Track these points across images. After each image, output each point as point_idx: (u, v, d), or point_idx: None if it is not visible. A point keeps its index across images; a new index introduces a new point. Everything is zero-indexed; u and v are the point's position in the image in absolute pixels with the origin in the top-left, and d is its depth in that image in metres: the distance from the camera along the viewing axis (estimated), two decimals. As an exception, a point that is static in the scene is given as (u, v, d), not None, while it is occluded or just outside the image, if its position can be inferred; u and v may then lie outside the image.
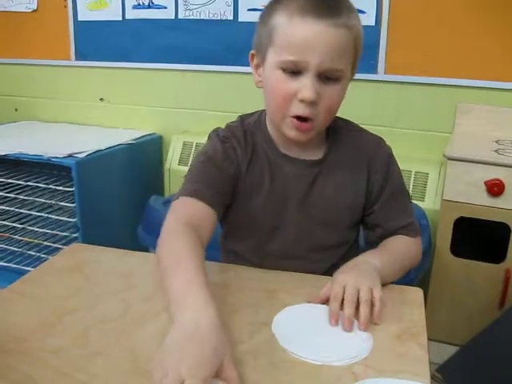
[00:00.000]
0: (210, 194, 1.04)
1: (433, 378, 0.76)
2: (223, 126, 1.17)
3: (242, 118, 1.17)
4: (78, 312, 0.93)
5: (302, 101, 0.98)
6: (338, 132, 1.14)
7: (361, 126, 1.20)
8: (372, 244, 1.17)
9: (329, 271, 1.14)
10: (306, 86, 0.97)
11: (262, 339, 0.85)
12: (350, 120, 1.20)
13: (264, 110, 1.15)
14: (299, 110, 1.00)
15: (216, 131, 1.15)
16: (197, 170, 1.10)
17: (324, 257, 1.18)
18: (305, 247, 1.16)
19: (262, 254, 1.16)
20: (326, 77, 0.98)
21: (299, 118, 1.01)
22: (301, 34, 0.95)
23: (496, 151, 1.90)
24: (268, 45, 1.01)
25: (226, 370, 0.69)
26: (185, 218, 0.99)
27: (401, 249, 1.11)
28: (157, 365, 0.68)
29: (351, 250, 1.22)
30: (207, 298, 0.78)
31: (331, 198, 1.13)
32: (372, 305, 0.90)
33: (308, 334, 0.87)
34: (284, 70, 0.99)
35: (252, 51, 1.08)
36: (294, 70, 0.98)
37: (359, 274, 0.95)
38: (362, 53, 1.04)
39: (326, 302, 0.94)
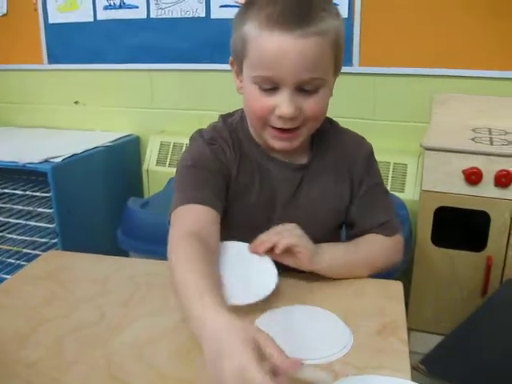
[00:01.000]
0: (207, 196, 1.00)
1: (416, 369, 0.75)
2: (204, 127, 1.13)
3: (224, 118, 1.13)
4: (52, 321, 0.91)
5: (280, 116, 0.96)
6: (323, 135, 1.12)
7: (338, 119, 1.18)
8: (350, 234, 1.16)
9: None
10: (283, 102, 0.94)
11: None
12: (330, 117, 1.17)
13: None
14: (278, 124, 0.97)
15: (199, 133, 1.10)
16: (187, 177, 1.05)
17: None
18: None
19: None
20: (304, 89, 0.95)
21: (280, 129, 0.99)
22: (270, 50, 0.91)
23: (473, 139, 1.91)
24: (243, 56, 0.97)
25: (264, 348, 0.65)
26: (188, 228, 0.93)
27: (369, 247, 1.09)
28: None
29: None
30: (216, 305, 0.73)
31: (316, 202, 1.11)
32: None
33: (287, 334, 0.86)
34: (259, 86, 0.96)
35: (230, 58, 1.05)
36: (269, 86, 0.95)
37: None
38: (344, 50, 1.01)
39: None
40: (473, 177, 1.80)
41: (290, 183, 1.10)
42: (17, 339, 0.86)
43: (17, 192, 2.26)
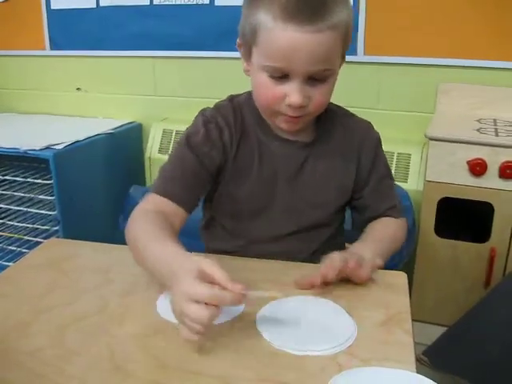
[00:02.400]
0: (181, 194, 1.05)
1: (419, 361, 0.75)
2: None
3: (232, 97, 1.15)
4: (54, 310, 0.90)
5: (290, 105, 0.97)
6: (329, 116, 1.13)
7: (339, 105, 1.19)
8: (359, 226, 1.19)
9: (316, 253, 1.15)
10: (293, 92, 0.96)
11: (245, 332, 0.84)
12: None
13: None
14: (288, 111, 0.99)
15: (203, 111, 1.12)
16: (173, 158, 1.10)
17: (311, 237, 1.17)
18: (292, 227, 1.15)
19: (249, 237, 1.15)
20: (314, 78, 0.96)
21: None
22: (283, 44, 0.92)
23: (478, 130, 1.89)
24: (252, 43, 0.98)
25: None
26: (155, 209, 1.01)
27: (387, 234, 1.13)
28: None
29: (337, 232, 1.23)
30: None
31: (321, 180, 1.13)
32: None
33: (292, 326, 0.85)
34: (270, 73, 0.97)
35: (238, 40, 1.04)
36: (280, 75, 0.96)
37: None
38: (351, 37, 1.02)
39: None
40: (477, 168, 1.79)
41: (294, 160, 1.12)
42: (19, 328, 0.85)
43: (18, 179, 2.25)
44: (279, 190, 1.12)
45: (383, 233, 1.12)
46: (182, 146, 1.08)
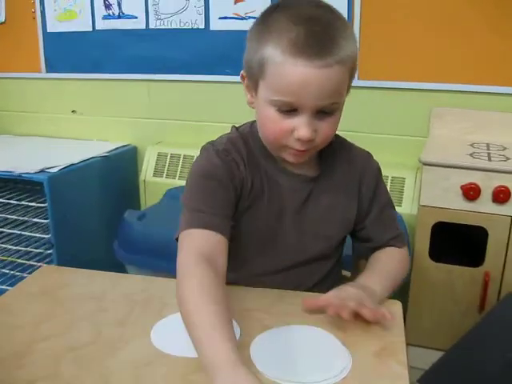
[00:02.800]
0: (219, 222, 0.99)
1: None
2: (209, 134, 1.14)
3: (237, 128, 1.14)
4: (48, 340, 0.90)
5: (298, 139, 0.97)
6: (331, 149, 1.12)
7: (336, 132, 1.18)
8: (361, 255, 1.21)
9: (317, 285, 1.16)
10: (302, 126, 0.95)
11: (239, 362, 0.83)
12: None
13: (254, 121, 1.10)
14: (296, 145, 0.98)
15: (212, 144, 1.09)
16: (198, 192, 1.04)
17: (313, 269, 1.17)
18: (296, 259, 1.14)
19: (253, 270, 1.14)
20: (322, 111, 0.96)
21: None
22: (293, 79, 0.91)
23: (471, 155, 1.90)
24: (259, 76, 0.97)
25: None
26: (200, 253, 0.93)
27: (394, 266, 1.13)
28: None
29: (338, 264, 1.23)
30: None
31: (325, 214, 1.13)
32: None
33: (286, 356, 0.85)
34: (278, 108, 0.96)
35: (242, 72, 1.04)
36: (288, 109, 0.95)
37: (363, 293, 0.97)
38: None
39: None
40: (471, 192, 1.79)
41: (299, 194, 1.11)
42: (13, 358, 0.85)
43: (12, 202, 2.25)
44: (286, 223, 1.11)
45: (390, 265, 1.12)
46: (201, 179, 1.05)
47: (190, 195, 1.05)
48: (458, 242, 1.93)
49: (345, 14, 2.20)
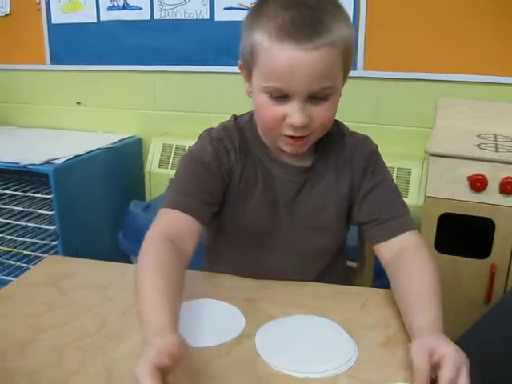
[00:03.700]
0: (196, 206, 1.00)
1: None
2: (215, 126, 1.12)
3: (236, 117, 1.13)
4: (52, 329, 0.90)
5: (291, 125, 0.95)
6: (328, 139, 1.10)
7: (341, 122, 1.16)
8: (375, 242, 1.08)
9: (318, 277, 1.14)
10: (294, 112, 0.93)
11: (244, 352, 0.83)
12: (339, 121, 1.15)
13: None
14: (289, 131, 0.97)
15: (209, 131, 1.10)
16: (185, 174, 1.06)
17: (314, 262, 1.16)
18: (295, 253, 1.13)
19: (253, 264, 1.13)
20: (315, 97, 0.94)
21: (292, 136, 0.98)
22: (281, 63, 0.90)
23: (478, 146, 1.89)
24: (252, 64, 0.96)
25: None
26: (167, 231, 0.95)
27: (428, 274, 0.99)
28: None
29: (340, 256, 1.22)
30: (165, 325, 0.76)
31: (318, 204, 1.10)
32: None
33: (291, 346, 0.85)
34: (270, 94, 0.95)
35: (240, 62, 1.03)
36: (280, 95, 0.94)
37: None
38: (353, 52, 1.01)
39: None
40: (478, 184, 1.78)
41: (293, 185, 1.09)
42: (17, 347, 0.85)
43: (18, 193, 2.26)
44: (280, 215, 1.10)
45: (427, 283, 0.97)
46: (191, 162, 1.06)
47: (176, 177, 1.06)
48: (464, 234, 1.92)
49: (351, 5, 2.20)
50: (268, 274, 1.10)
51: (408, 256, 1.00)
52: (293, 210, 1.10)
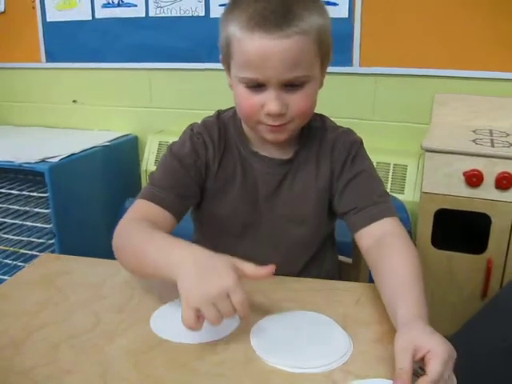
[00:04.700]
0: (168, 198, 1.04)
1: (416, 375, 0.74)
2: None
3: (219, 113, 1.16)
4: (47, 327, 0.90)
5: (269, 114, 0.97)
6: (310, 132, 1.12)
7: (338, 119, 1.17)
8: (354, 230, 1.07)
9: (304, 270, 1.16)
10: (269, 100, 0.96)
11: (239, 349, 0.83)
12: (327, 116, 1.17)
13: None
14: (268, 121, 0.99)
15: (191, 126, 1.13)
16: (162, 168, 1.10)
17: (297, 254, 1.17)
18: (277, 245, 1.14)
19: (237, 257, 1.13)
20: (290, 85, 0.96)
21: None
22: (252, 52, 0.92)
23: (474, 141, 1.89)
24: (229, 56, 0.99)
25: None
26: (140, 217, 1.00)
27: (411, 260, 0.95)
28: (185, 310, 0.79)
29: (326, 247, 1.22)
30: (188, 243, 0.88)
31: (299, 196, 1.12)
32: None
33: (286, 342, 0.84)
34: (246, 84, 0.97)
35: (220, 56, 1.05)
36: (255, 85, 0.96)
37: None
38: (332, 43, 1.02)
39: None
40: (473, 179, 1.78)
41: (273, 178, 1.11)
42: (11, 345, 0.84)
43: (13, 192, 2.25)
44: (261, 208, 1.12)
45: (408, 271, 0.92)
46: (168, 157, 1.09)
47: (156, 170, 1.11)
48: (460, 229, 1.92)
49: (346, 1, 2.19)
50: None
51: (388, 243, 0.99)
52: (273, 202, 1.12)
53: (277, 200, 1.12)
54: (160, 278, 0.89)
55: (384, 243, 0.99)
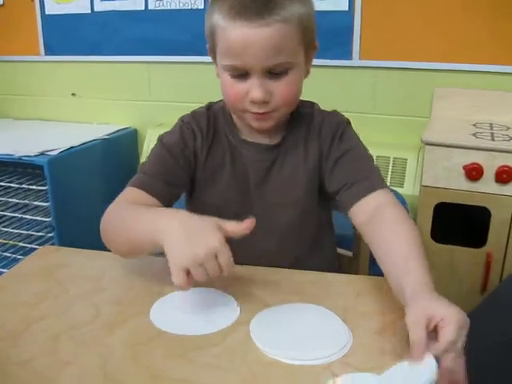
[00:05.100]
0: (157, 186, 1.06)
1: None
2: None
3: (210, 104, 1.19)
4: (46, 319, 0.89)
5: (253, 101, 0.99)
6: (299, 117, 1.13)
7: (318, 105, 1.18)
8: (346, 206, 1.06)
9: (300, 259, 1.16)
10: (253, 87, 0.98)
11: (238, 340, 0.83)
12: (312, 101, 1.18)
13: None
14: (253, 108, 1.01)
15: (182, 116, 1.16)
16: (151, 157, 1.13)
17: (291, 241, 1.17)
18: (268, 232, 1.13)
19: (231, 246, 1.12)
20: (273, 72, 0.98)
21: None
22: (234, 41, 0.95)
23: (474, 135, 1.89)
24: (214, 45, 1.01)
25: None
26: (131, 201, 1.04)
27: (408, 232, 0.94)
28: (175, 272, 0.82)
29: (322, 236, 1.23)
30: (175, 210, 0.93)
31: (288, 180, 1.13)
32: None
33: (286, 334, 0.84)
34: (230, 72, 0.99)
35: (207, 45, 1.07)
36: (240, 73, 0.98)
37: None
38: (316, 31, 1.03)
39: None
40: (473, 172, 1.78)
41: (262, 164, 1.12)
42: (10, 337, 0.84)
43: (12, 185, 2.24)
44: (252, 196, 1.13)
45: (406, 241, 0.92)
46: (158, 146, 1.12)
47: (147, 159, 1.14)
48: (460, 223, 1.92)
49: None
50: (248, 255, 1.09)
51: (384, 216, 0.98)
52: (264, 189, 1.13)
53: (267, 186, 1.13)
54: (149, 248, 0.94)
55: (380, 217, 0.98)
